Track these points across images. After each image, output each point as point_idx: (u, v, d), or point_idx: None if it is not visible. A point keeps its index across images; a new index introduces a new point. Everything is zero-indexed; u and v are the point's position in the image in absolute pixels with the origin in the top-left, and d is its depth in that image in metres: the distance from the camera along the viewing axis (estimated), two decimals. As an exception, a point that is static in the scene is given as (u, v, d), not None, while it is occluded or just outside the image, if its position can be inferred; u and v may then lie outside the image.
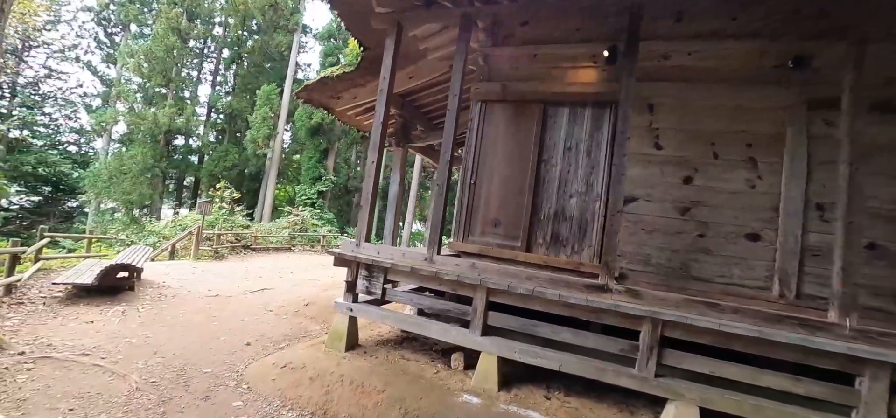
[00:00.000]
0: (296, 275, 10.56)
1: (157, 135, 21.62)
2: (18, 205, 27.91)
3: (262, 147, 21.42)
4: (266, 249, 14.45)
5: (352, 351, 4.64)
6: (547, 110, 5.08)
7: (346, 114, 7.77)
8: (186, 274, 9.09)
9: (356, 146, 28.22)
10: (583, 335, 3.83)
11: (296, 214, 17.97)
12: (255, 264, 11.80)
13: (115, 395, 3.42)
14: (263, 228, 15.83)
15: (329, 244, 17.33)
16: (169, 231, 13.96)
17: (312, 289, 8.73)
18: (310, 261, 13.27)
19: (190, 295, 7.34)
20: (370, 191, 4.77)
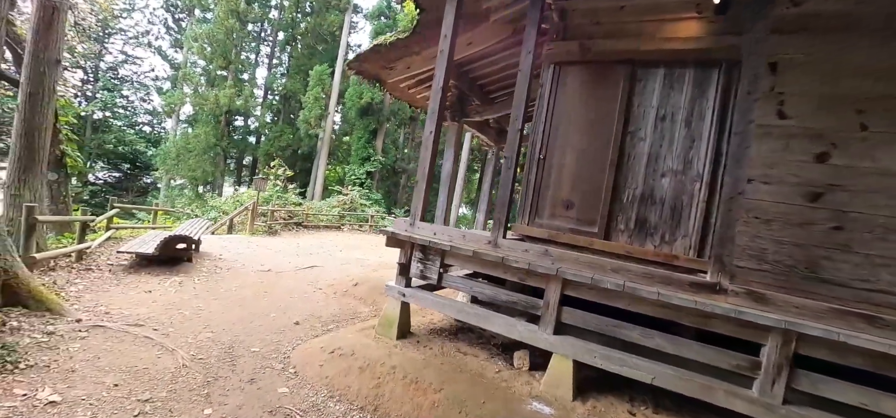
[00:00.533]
0: (344, 254, 10.48)
1: (219, 115, 22.71)
2: (103, 181, 30.96)
3: (313, 127, 21.81)
4: (316, 227, 14.64)
5: (404, 340, 4.24)
6: (635, 72, 4.27)
7: (398, 86, 7.32)
8: (241, 248, 9.24)
9: (404, 127, 28.07)
10: (684, 344, 3.12)
11: (345, 194, 18.12)
12: (306, 241, 11.90)
13: (162, 372, 3.24)
14: (314, 206, 16.09)
15: (377, 224, 17.34)
16: (228, 206, 14.51)
17: (360, 270, 8.52)
18: (358, 241, 13.25)
19: (243, 269, 7.35)
20: (427, 165, 4.27)
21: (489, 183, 9.72)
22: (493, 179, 10.01)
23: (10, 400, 2.51)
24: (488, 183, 9.73)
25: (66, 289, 4.67)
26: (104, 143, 27.20)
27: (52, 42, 5.00)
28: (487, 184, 9.72)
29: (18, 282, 3.44)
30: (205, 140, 22.21)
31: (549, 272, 3.44)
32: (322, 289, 6.71)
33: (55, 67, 5.18)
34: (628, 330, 3.30)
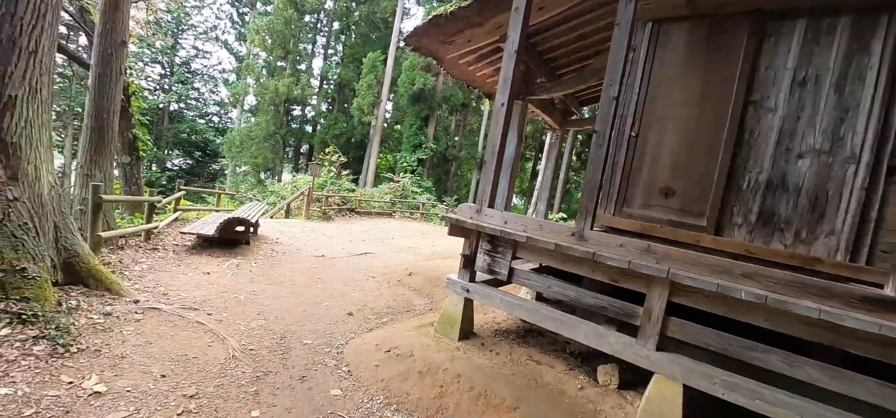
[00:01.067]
0: (397, 241, 10.24)
1: (278, 104, 23.60)
2: (178, 167, 33.72)
3: (366, 114, 21.96)
4: (368, 213, 14.63)
5: (466, 341, 3.75)
6: (765, 26, 3.38)
7: (456, 63, 6.77)
8: (297, 232, 9.27)
9: (455, 114, 27.56)
10: (856, 379, 2.32)
11: (396, 181, 18.04)
12: (359, 227, 11.85)
13: (211, 363, 3.00)
14: (367, 193, 16.15)
15: (428, 212, 17.08)
16: (286, 191, 14.92)
17: (414, 258, 8.19)
18: (410, 228, 13.02)
19: (298, 253, 7.27)
20: (498, 142, 3.71)
21: (551, 170, 8.93)
22: (557, 165, 9.21)
23: (56, 388, 2.33)
24: (550, 170, 8.94)
25: (130, 268, 4.70)
26: (179, 133, 29.47)
27: (118, 22, 5.07)
28: (548, 171, 8.94)
29: (79, 260, 3.37)
30: (265, 128, 23.20)
31: (655, 273, 2.75)
32: (375, 277, 6.42)
33: (121, 49, 5.26)
34: (763, 353, 2.55)
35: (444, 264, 7.67)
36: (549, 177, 9.09)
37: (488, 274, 3.74)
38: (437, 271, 6.94)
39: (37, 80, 2.93)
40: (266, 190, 17.40)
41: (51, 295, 2.94)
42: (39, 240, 2.97)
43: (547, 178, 9.08)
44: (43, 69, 2.97)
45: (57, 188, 3.28)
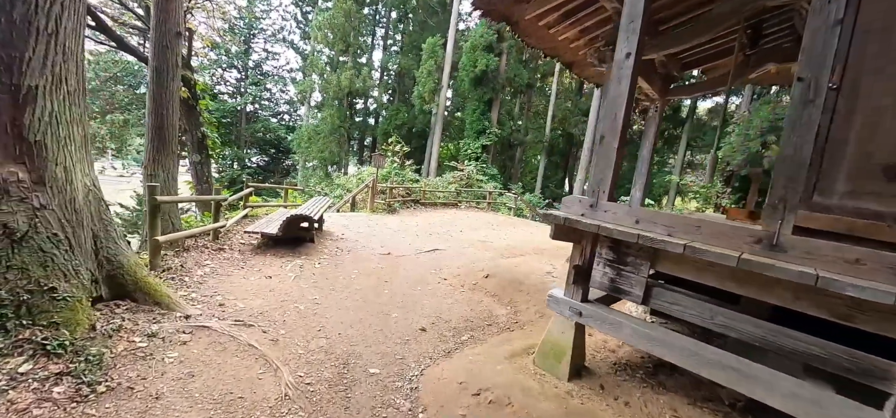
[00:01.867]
0: (465, 235, 9.45)
1: (341, 98, 23.95)
2: (256, 165, 36.26)
3: (427, 102, 21.39)
4: (433, 204, 14.05)
5: (580, 382, 2.80)
6: None
7: (535, 25, 5.67)
8: (362, 226, 8.86)
9: (520, 96, 26.03)
10: None
11: (460, 169, 17.26)
12: (424, 219, 11.26)
13: (259, 405, 2.40)
14: (430, 183, 15.58)
15: (494, 200, 16.11)
16: (351, 184, 14.85)
17: (488, 255, 7.32)
18: (478, 220, 12.19)
19: (363, 251, 6.76)
20: (621, 110, 2.67)
21: (649, 150, 7.48)
22: (655, 144, 7.72)
23: (66, 451, 1.80)
24: (648, 150, 7.50)
25: (191, 273, 4.40)
26: (255, 132, 31.45)
27: (172, 12, 4.83)
28: (646, 151, 7.50)
29: (124, 272, 2.97)
30: (330, 122, 23.69)
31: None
32: (447, 278, 5.67)
33: (176, 40, 5.02)
34: None
35: (523, 263, 6.71)
36: (647, 160, 7.65)
37: (610, 291, 2.75)
38: (517, 272, 6.01)
39: (60, 68, 2.48)
40: (333, 183, 17.62)
41: (84, 317, 2.51)
42: (73, 253, 2.55)
43: (644, 160, 7.64)
44: (67, 54, 2.52)
45: (97, 192, 2.87)
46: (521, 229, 11.17)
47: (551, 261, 7.09)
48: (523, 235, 10.26)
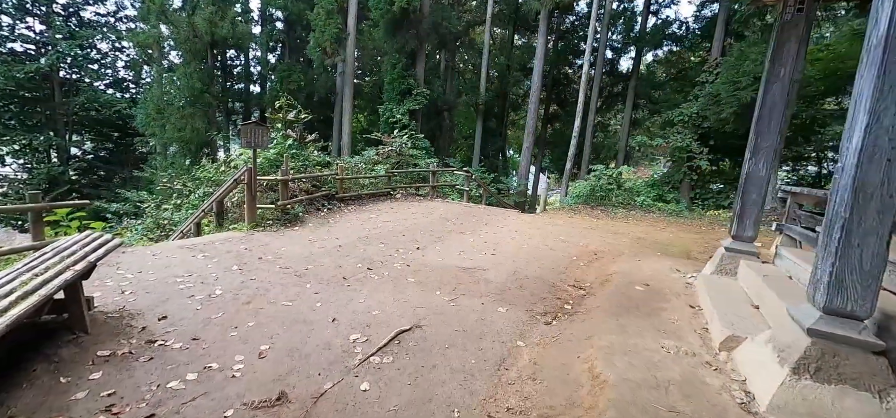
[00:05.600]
0: (442, 256, 5.03)
1: (202, 51, 16.93)
2: (93, 155, 26.22)
3: (330, 55, 15.83)
4: (357, 198, 9.24)
5: None
6: None
7: None
8: (217, 281, 3.86)
9: (444, 50, 21.49)
10: None
11: (386, 143, 12.53)
12: (351, 228, 6.52)
13: None
14: (349, 166, 10.69)
15: (438, 183, 11.80)
16: (215, 174, 9.23)
17: (533, 324, 3.04)
18: (433, 214, 7.83)
19: None
20: None
21: (785, 84, 3.85)
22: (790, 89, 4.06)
23: None
24: (784, 84, 3.83)
25: None
26: (82, 109, 22.10)
27: None
28: (778, 86, 3.84)
29: None
30: (187, 86, 16.61)
31: None
32: None
33: None
34: None
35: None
36: (781, 99, 3.99)
37: None
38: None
39: None
40: (193, 176, 11.52)
41: None
42: None
43: (776, 101, 3.96)
44: None
45: None
46: (528, 223, 7.13)
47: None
48: (551, 234, 6.17)
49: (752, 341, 2.64)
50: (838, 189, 2.17)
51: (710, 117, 12.02)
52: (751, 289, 3.64)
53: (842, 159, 2.18)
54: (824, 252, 2.21)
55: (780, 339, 2.39)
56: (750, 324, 2.93)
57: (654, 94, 18.69)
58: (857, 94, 2.11)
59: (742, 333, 2.78)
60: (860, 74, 2.12)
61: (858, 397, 2.06)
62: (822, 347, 2.16)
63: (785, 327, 2.43)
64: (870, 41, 2.09)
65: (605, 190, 11.65)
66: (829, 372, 2.13)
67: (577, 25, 21.60)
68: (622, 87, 20.27)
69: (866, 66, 2.08)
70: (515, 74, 20.60)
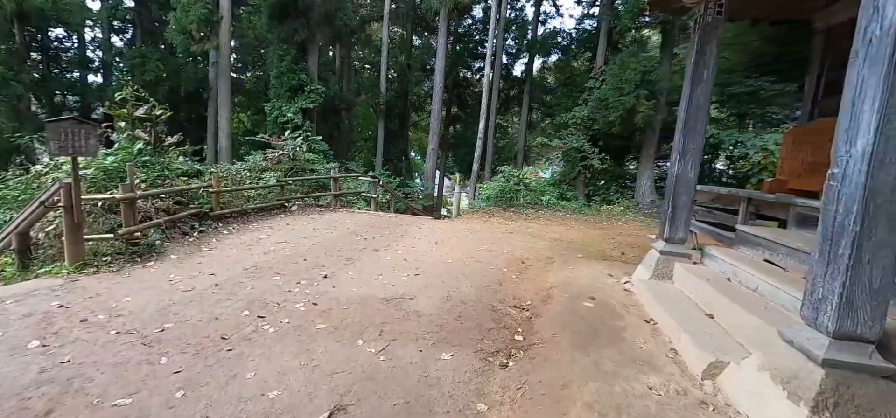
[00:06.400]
0: (358, 283, 4.01)
1: (4, 25, 12.58)
2: None
3: (198, 41, 13.11)
4: (242, 215, 7.54)
5: None
6: None
7: None
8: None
9: (338, 45, 19.85)
10: None
11: (278, 146, 10.76)
12: (233, 257, 5.06)
13: None
14: (228, 174, 8.73)
15: (343, 192, 10.55)
16: (37, 191, 6.69)
17: None
18: (343, 230, 6.64)
19: None
20: None
21: (706, 91, 3.90)
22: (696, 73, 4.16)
23: None
24: (705, 90, 3.90)
25: None
26: None
27: None
28: (699, 92, 3.87)
29: None
30: (-15, 73, 12.22)
31: None
32: None
33: None
34: None
35: None
36: (706, 101, 4.01)
37: None
38: None
39: None
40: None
41: None
42: None
43: (700, 103, 3.97)
44: None
45: None
46: (451, 240, 6.37)
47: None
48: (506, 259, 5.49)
49: (740, 368, 2.34)
50: (840, 199, 1.91)
51: (598, 120, 13.02)
52: (695, 295, 3.52)
53: (839, 166, 1.93)
54: (829, 269, 1.94)
55: (779, 367, 2.09)
56: (722, 342, 2.68)
57: (545, 97, 19.96)
58: (857, 94, 1.87)
59: (722, 357, 2.49)
60: (857, 72, 1.89)
61: (875, 435, 1.82)
62: (837, 378, 1.88)
63: (779, 352, 2.15)
64: (867, 35, 1.86)
65: (513, 191, 11.76)
66: (846, 408, 1.85)
67: (473, 29, 22.03)
68: (518, 91, 21.26)
69: (866, 62, 1.84)
70: (416, 74, 20.07)
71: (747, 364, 2.31)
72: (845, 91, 1.95)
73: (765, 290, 3.04)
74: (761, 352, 2.27)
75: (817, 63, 5.14)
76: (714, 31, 3.80)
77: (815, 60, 5.20)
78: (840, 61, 4.97)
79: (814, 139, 4.65)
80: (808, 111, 5.21)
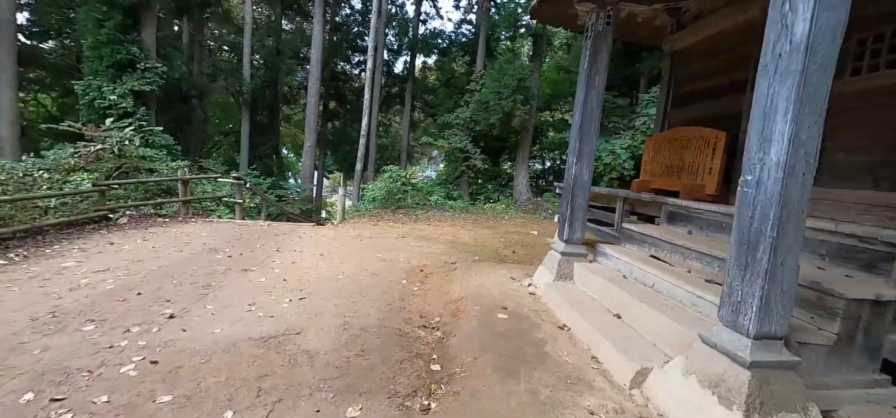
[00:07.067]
0: (221, 319, 3.02)
1: None
2: None
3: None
4: (34, 235, 5.35)
5: None
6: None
7: None
8: None
9: (189, 19, 16.39)
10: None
11: (96, 139, 8.15)
12: (12, 303, 3.42)
13: None
14: (10, 176, 6.08)
15: (194, 193, 8.64)
16: None
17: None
18: (197, 246, 5.16)
19: None
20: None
21: (598, 96, 4.11)
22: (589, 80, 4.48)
23: None
24: (597, 94, 4.10)
25: None
26: None
27: None
28: (591, 97, 4.08)
29: None
30: None
31: None
32: None
33: None
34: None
35: None
36: (598, 106, 4.21)
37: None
38: None
39: None
40: None
41: None
42: None
43: (594, 108, 4.15)
44: None
45: None
46: (339, 251, 5.43)
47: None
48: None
49: (665, 374, 2.33)
50: (756, 205, 1.97)
51: (480, 122, 13.53)
52: (599, 296, 3.60)
53: (753, 173, 1.99)
54: (748, 273, 1.99)
55: (705, 371, 2.10)
56: (640, 346, 2.69)
57: (427, 97, 20.08)
58: (769, 105, 1.93)
59: (645, 363, 2.47)
60: (767, 84, 1.95)
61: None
62: (759, 378, 1.93)
63: (702, 355, 2.17)
64: (776, 49, 1.92)
65: (401, 191, 11.35)
66: (769, 405, 1.91)
67: (352, 20, 20.85)
68: (400, 89, 20.90)
69: (776, 75, 1.91)
70: (288, 62, 17.99)
71: (672, 369, 2.31)
72: (755, 102, 2.02)
73: (662, 287, 3.22)
74: (684, 357, 2.28)
75: (667, 81, 5.96)
76: (604, 41, 3.96)
77: (665, 79, 6.03)
78: (683, 79, 5.87)
79: (669, 145, 5.35)
80: (661, 122, 6.02)
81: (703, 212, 3.86)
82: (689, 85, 5.56)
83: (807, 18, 1.80)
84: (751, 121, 2.04)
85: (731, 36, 4.75)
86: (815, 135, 1.87)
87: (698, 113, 5.21)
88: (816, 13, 1.78)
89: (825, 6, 1.78)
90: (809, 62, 1.81)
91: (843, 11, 1.80)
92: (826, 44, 1.81)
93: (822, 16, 1.78)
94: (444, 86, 18.33)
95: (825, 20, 1.79)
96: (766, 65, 1.98)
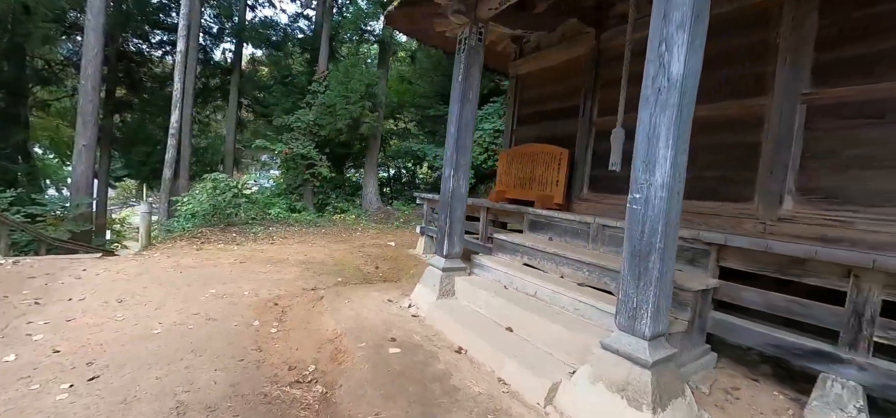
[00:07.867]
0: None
1: None
2: None
3: None
4: None
5: None
6: None
7: None
8: None
9: None
10: None
11: None
12: None
13: None
14: None
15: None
16: None
17: None
18: None
19: None
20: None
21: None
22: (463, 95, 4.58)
23: None
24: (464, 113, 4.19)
25: None
26: None
27: None
28: (460, 114, 4.17)
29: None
30: None
31: None
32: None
33: None
34: None
35: None
36: (472, 118, 4.26)
37: None
38: None
39: None
40: None
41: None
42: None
43: (468, 120, 4.18)
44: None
45: None
46: (152, 294, 3.77)
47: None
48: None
49: (574, 385, 2.39)
50: (645, 220, 2.18)
51: (326, 127, 12.55)
52: (486, 309, 3.58)
53: (641, 192, 2.21)
54: (641, 282, 2.19)
55: (609, 377, 2.23)
56: (541, 360, 2.73)
57: (259, 94, 17.52)
58: (651, 132, 2.17)
59: (554, 377, 2.50)
60: (649, 114, 2.18)
61: (679, 408, 2.18)
62: (656, 375, 2.14)
63: (603, 361, 2.30)
64: (656, 84, 2.17)
65: (232, 204, 9.45)
66: (665, 397, 2.13)
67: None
68: (221, 81, 17.61)
69: (657, 107, 2.15)
70: (43, 26, 12.84)
71: (579, 379, 2.38)
72: (639, 128, 2.24)
73: (544, 295, 3.40)
74: (589, 366, 2.38)
75: (512, 101, 6.59)
76: (476, 56, 4.02)
77: (510, 99, 6.66)
78: (526, 101, 6.59)
79: (521, 159, 5.90)
80: (509, 137, 6.62)
81: (559, 221, 4.31)
82: (530, 107, 6.26)
83: (681, 61, 2.07)
84: (636, 145, 2.26)
85: (564, 69, 5.54)
86: (685, 158, 2.18)
87: (540, 132, 5.91)
88: (687, 58, 2.07)
89: (692, 51, 2.09)
90: (682, 97, 2.09)
91: (701, 56, 2.15)
92: (692, 82, 2.13)
93: (690, 60, 2.09)
94: (280, 83, 16.36)
95: (692, 64, 2.10)
96: (647, 97, 2.21)
